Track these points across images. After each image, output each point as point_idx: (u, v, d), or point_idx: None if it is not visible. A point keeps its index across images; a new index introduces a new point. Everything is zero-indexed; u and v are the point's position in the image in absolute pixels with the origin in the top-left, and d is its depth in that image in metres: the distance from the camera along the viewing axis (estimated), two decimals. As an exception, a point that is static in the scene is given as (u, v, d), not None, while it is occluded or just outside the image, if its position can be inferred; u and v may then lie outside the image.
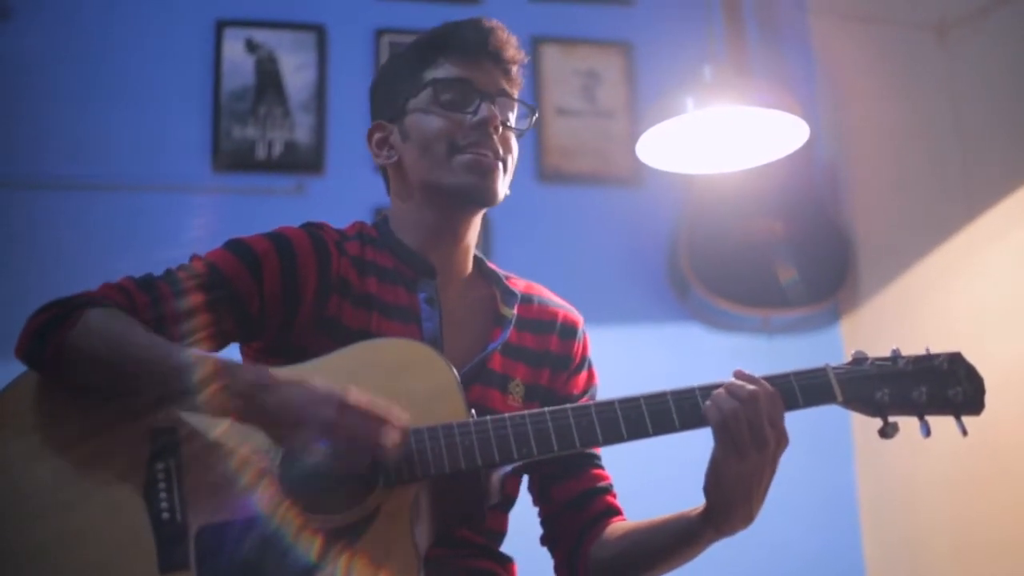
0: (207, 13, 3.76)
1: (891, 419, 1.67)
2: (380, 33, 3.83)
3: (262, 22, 3.78)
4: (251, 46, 3.75)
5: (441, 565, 1.68)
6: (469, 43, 1.83)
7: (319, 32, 3.80)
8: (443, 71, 1.82)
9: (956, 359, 1.70)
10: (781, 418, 1.64)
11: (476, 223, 1.89)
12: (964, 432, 1.67)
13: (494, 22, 1.87)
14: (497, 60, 1.85)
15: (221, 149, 3.66)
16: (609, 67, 3.94)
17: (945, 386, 1.67)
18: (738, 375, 1.67)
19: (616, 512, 1.89)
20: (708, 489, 1.66)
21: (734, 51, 3.55)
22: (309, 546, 1.53)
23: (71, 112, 3.59)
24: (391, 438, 1.54)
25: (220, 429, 1.60)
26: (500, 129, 1.81)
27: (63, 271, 3.34)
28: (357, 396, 1.54)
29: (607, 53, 3.95)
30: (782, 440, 1.64)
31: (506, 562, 1.85)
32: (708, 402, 1.64)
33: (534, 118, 1.91)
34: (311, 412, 1.53)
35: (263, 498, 1.56)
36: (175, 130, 3.66)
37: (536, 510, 1.94)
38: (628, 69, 3.95)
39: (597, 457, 1.92)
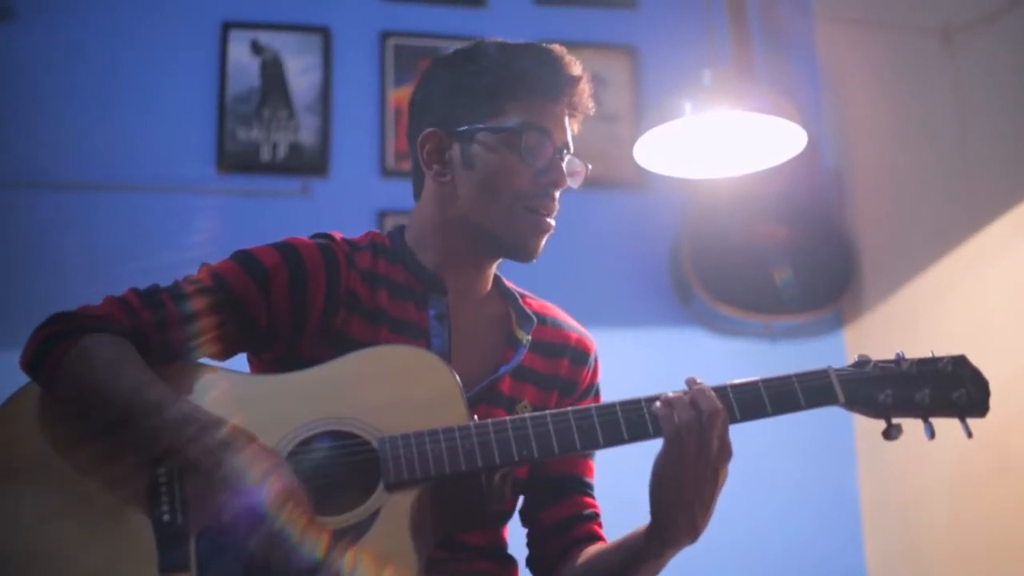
0: (212, 15, 3.76)
1: (895, 421, 1.66)
2: (385, 36, 3.83)
3: (267, 24, 3.79)
4: (256, 48, 3.76)
5: (442, 567, 1.68)
6: (555, 88, 1.78)
7: (324, 34, 3.81)
8: (526, 112, 1.76)
9: (960, 361, 1.69)
10: (726, 430, 1.63)
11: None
12: (969, 434, 1.66)
13: (579, 67, 1.81)
14: (573, 112, 1.82)
15: (226, 151, 3.66)
16: (614, 71, 3.94)
17: (949, 388, 1.66)
18: (690, 383, 1.66)
19: (597, 539, 1.87)
20: (652, 500, 1.65)
21: (738, 56, 3.55)
22: (310, 548, 1.53)
23: (75, 113, 3.59)
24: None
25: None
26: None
27: (68, 272, 3.35)
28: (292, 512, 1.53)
29: (612, 57, 3.95)
30: (725, 452, 1.62)
31: (509, 564, 1.85)
32: (661, 405, 1.62)
33: (586, 173, 1.85)
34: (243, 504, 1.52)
35: (255, 504, 1.55)
36: (180, 132, 3.67)
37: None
38: (633, 73, 3.95)
39: (589, 486, 1.91)
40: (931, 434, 1.66)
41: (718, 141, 3.32)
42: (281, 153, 3.70)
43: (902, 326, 3.56)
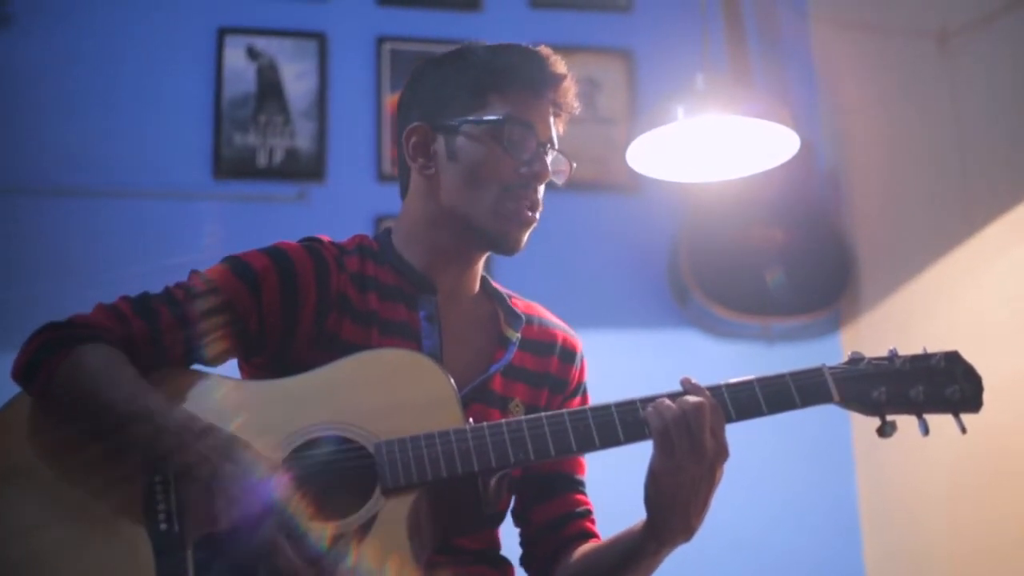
0: (208, 20, 3.76)
1: (889, 418, 1.66)
2: (381, 41, 3.83)
3: (263, 30, 3.79)
4: (252, 53, 3.76)
5: (439, 571, 1.68)
6: (539, 84, 1.80)
7: (320, 40, 3.81)
8: (510, 106, 1.77)
9: (953, 358, 1.69)
10: (722, 430, 1.63)
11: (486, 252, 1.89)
12: (963, 430, 1.65)
13: (564, 66, 1.83)
14: (558, 111, 1.83)
15: (222, 156, 3.66)
16: (609, 74, 3.94)
17: (943, 385, 1.66)
18: (685, 383, 1.66)
19: (591, 536, 1.88)
20: (647, 500, 1.66)
21: (734, 59, 3.55)
22: (315, 541, 1.52)
23: (72, 119, 3.59)
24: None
25: None
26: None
27: (65, 278, 3.34)
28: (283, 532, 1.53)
29: (607, 60, 3.95)
30: (721, 452, 1.62)
31: (505, 567, 1.85)
32: (650, 408, 1.63)
33: (571, 171, 1.87)
34: (244, 508, 1.52)
35: (253, 507, 1.55)
36: (176, 137, 3.67)
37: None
38: (628, 76, 3.95)
39: (581, 483, 1.92)
40: (925, 430, 1.65)
41: (710, 145, 3.32)
42: (277, 158, 3.69)
43: (899, 328, 3.56)
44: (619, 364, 3.01)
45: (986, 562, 3.13)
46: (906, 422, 1.68)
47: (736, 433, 1.65)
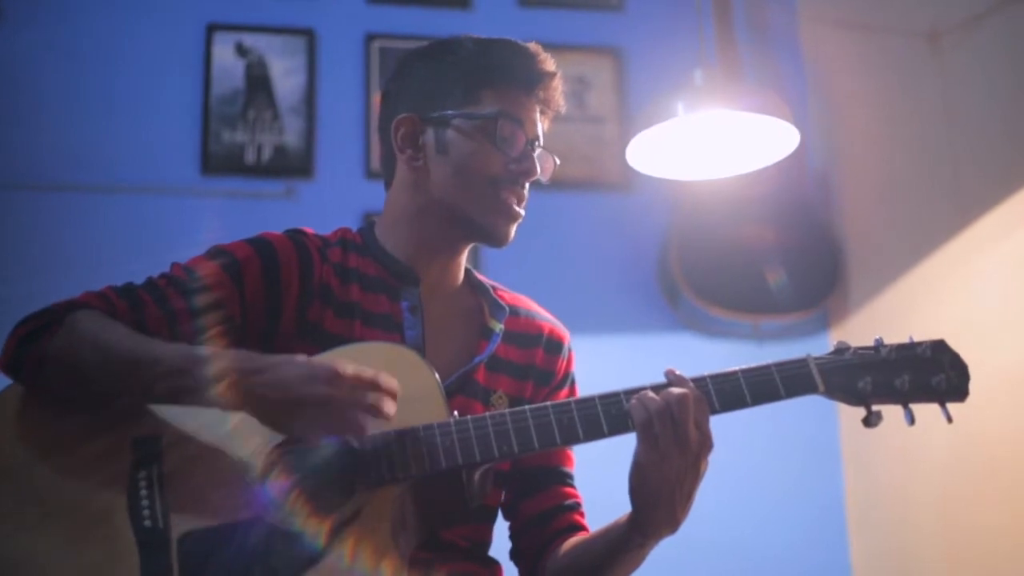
0: (197, 17, 3.76)
1: (875, 408, 1.65)
2: (370, 38, 3.83)
3: (252, 26, 3.79)
4: (241, 50, 3.75)
5: (426, 568, 1.67)
6: (530, 82, 1.81)
7: (309, 36, 3.80)
8: (502, 102, 1.78)
9: (939, 346, 1.68)
10: (706, 421, 1.63)
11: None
12: (949, 419, 1.65)
13: (554, 65, 1.84)
14: (545, 108, 1.85)
15: (210, 153, 3.65)
16: (599, 73, 3.94)
17: (928, 373, 1.65)
18: (669, 375, 1.66)
19: (580, 529, 1.88)
20: (632, 492, 1.65)
21: (725, 57, 3.54)
22: (289, 551, 1.52)
23: (61, 115, 3.58)
24: (385, 405, 1.53)
25: (203, 437, 1.60)
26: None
27: (52, 273, 3.34)
28: (346, 366, 1.52)
29: (597, 59, 3.95)
30: (706, 443, 1.62)
31: (492, 565, 1.84)
32: (634, 400, 1.63)
33: (554, 168, 1.89)
34: (304, 388, 1.51)
35: (245, 504, 1.55)
36: (164, 133, 3.66)
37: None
38: (618, 75, 3.95)
39: (569, 476, 1.93)
40: (911, 420, 1.65)
41: (711, 141, 3.31)
42: (266, 155, 3.69)
43: (888, 327, 3.55)
44: (608, 362, 2.99)
45: (976, 562, 3.13)
46: (893, 419, 1.67)
47: (723, 432, 1.65)
